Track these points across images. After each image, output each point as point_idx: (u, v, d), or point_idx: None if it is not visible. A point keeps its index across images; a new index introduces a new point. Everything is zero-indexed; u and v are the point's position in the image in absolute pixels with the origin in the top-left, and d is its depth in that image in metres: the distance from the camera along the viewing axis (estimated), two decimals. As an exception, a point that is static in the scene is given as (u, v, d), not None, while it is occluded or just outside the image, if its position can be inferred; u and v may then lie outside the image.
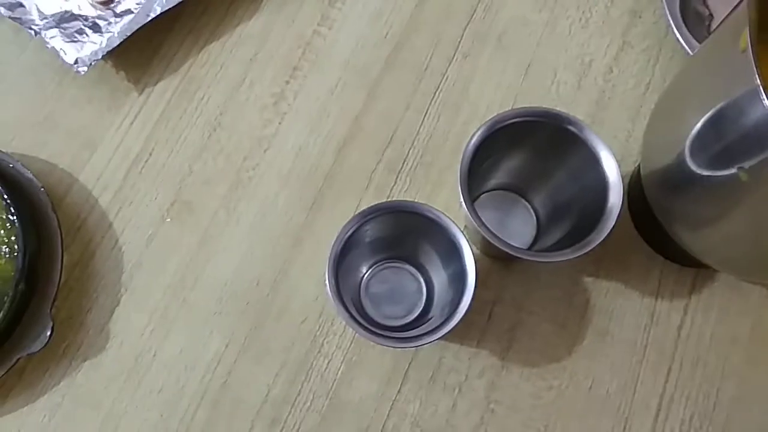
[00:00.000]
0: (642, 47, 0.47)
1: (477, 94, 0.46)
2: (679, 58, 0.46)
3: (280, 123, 0.45)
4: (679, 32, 0.44)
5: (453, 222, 0.34)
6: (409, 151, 0.45)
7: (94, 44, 0.43)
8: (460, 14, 0.48)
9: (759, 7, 0.26)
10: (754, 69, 0.25)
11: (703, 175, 0.31)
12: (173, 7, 0.44)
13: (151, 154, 0.44)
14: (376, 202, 0.35)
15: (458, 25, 0.48)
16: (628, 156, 0.44)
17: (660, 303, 0.42)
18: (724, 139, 0.29)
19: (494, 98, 0.46)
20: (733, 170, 0.29)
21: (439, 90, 0.46)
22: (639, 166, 0.40)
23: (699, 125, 0.30)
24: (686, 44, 0.44)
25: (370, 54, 0.47)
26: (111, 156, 0.44)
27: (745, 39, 0.26)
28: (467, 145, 0.34)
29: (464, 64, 0.47)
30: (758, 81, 0.25)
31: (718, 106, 0.29)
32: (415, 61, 0.47)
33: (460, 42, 0.47)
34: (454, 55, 0.47)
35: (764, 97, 0.25)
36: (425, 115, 0.46)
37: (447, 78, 0.47)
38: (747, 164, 0.28)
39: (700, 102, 0.31)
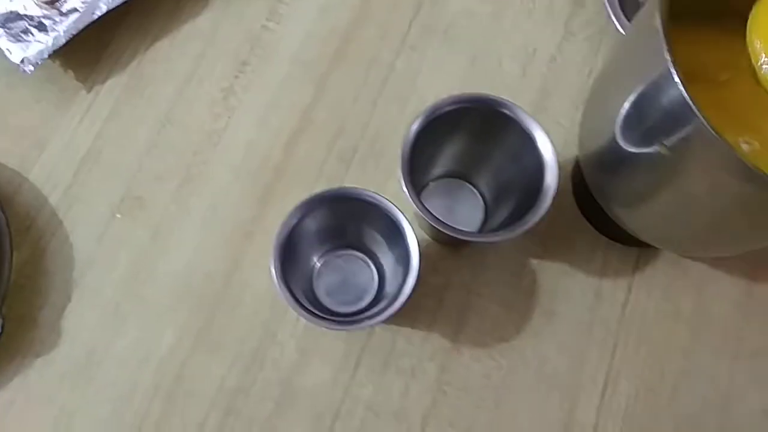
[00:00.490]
0: (584, 35, 0.49)
1: (425, 85, 0.47)
2: (618, 45, 0.47)
3: (229, 117, 0.45)
4: (617, 20, 0.45)
5: (395, 206, 0.35)
6: (358, 142, 0.46)
7: (41, 43, 0.43)
8: (407, 7, 0.49)
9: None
10: (665, 49, 0.26)
11: (632, 154, 0.33)
12: (120, 5, 0.44)
13: (100, 152, 0.44)
14: (322, 190, 0.36)
15: (405, 18, 0.49)
16: (572, 141, 0.45)
17: (604, 282, 0.43)
18: (646, 118, 0.30)
19: (441, 89, 0.47)
20: (656, 147, 0.30)
21: (387, 81, 0.47)
22: (579, 149, 0.41)
23: (625, 106, 0.32)
24: (624, 31, 0.45)
25: (319, 47, 0.48)
26: (60, 154, 0.44)
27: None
28: (406, 135, 0.35)
29: (412, 56, 0.48)
30: (669, 60, 0.26)
31: (639, 87, 0.30)
32: (363, 53, 0.48)
33: (407, 34, 0.48)
34: (401, 47, 0.48)
35: (675, 75, 0.26)
36: (374, 107, 0.46)
37: (395, 70, 0.47)
38: (667, 141, 0.29)
39: (625, 84, 0.32)
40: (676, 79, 0.26)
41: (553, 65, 0.48)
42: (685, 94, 0.25)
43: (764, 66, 0.29)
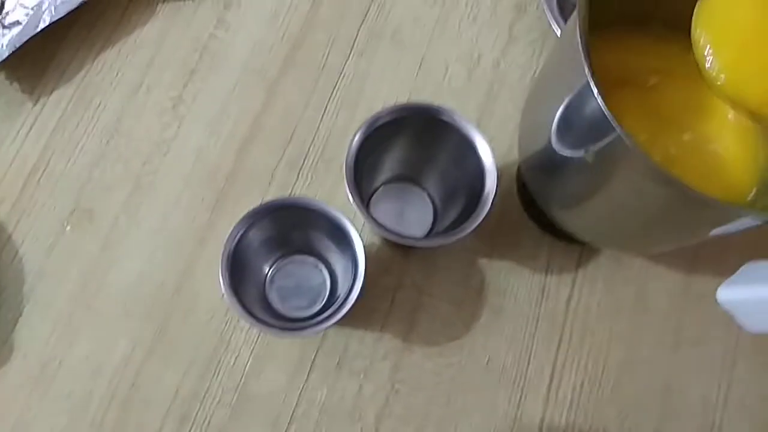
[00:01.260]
0: (527, 40, 0.50)
1: (373, 91, 0.48)
2: (559, 49, 0.49)
3: (179, 126, 0.46)
4: (557, 25, 0.47)
5: (340, 212, 0.36)
6: (309, 149, 0.46)
7: (-17, 56, 0.43)
8: (354, 13, 0.50)
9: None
10: (585, 62, 0.28)
11: (564, 159, 0.34)
12: (64, 16, 0.44)
13: (48, 164, 0.44)
14: (267, 200, 0.37)
15: (353, 24, 0.49)
16: (516, 145, 0.47)
17: (549, 278, 0.45)
18: (573, 126, 0.32)
19: (390, 94, 0.48)
20: (583, 154, 0.31)
21: (336, 88, 0.48)
22: (521, 152, 0.43)
23: (556, 113, 0.33)
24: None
25: (268, 54, 0.48)
26: (7, 168, 0.44)
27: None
28: (349, 147, 0.36)
29: (360, 62, 0.48)
30: (588, 73, 0.28)
31: (566, 96, 0.31)
32: (312, 60, 0.48)
33: (355, 40, 0.49)
34: (350, 54, 0.49)
35: (594, 88, 0.28)
36: (324, 113, 0.47)
37: (344, 76, 0.48)
38: (592, 148, 0.31)
39: (555, 91, 0.33)
40: (595, 92, 0.27)
41: (498, 70, 0.49)
42: (603, 107, 0.27)
43: (708, 58, 0.30)
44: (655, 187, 0.28)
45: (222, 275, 0.35)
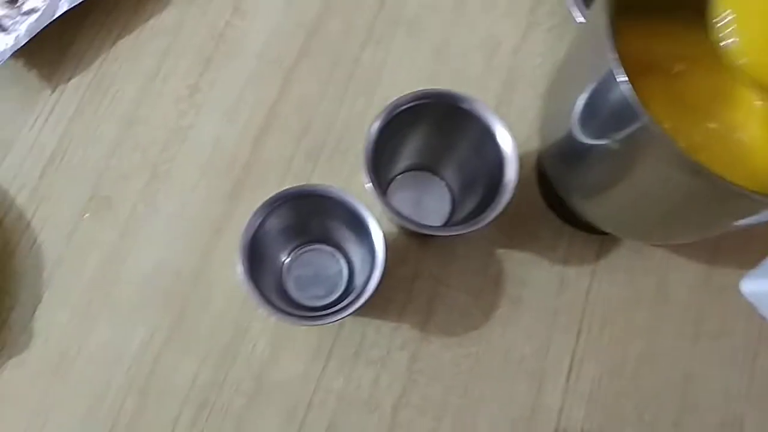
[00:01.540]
0: (547, 26, 0.49)
1: (390, 79, 0.47)
2: (580, 36, 0.48)
3: (196, 114, 0.46)
4: (577, 10, 0.46)
5: (359, 201, 0.36)
6: (326, 138, 0.46)
7: (2, 44, 0.43)
8: (371, 1, 0.49)
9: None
10: (610, 49, 0.27)
11: (587, 147, 0.33)
12: (81, 3, 0.44)
13: (66, 151, 0.44)
14: (285, 188, 0.36)
15: (370, 12, 0.49)
16: (536, 133, 0.46)
17: (569, 269, 0.44)
18: (597, 113, 0.31)
19: (407, 82, 0.47)
20: (607, 142, 0.31)
21: (353, 76, 0.47)
22: (542, 141, 0.42)
23: (579, 100, 0.32)
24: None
25: (284, 43, 0.48)
26: (26, 155, 0.44)
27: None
28: (368, 133, 0.36)
29: (377, 51, 0.48)
30: (614, 60, 0.27)
31: (590, 83, 0.31)
32: (328, 49, 0.48)
33: (372, 29, 0.48)
34: (366, 42, 0.48)
35: (620, 75, 0.27)
36: (341, 102, 0.47)
37: (361, 64, 0.48)
38: (617, 136, 0.30)
39: (579, 78, 0.33)
40: (621, 77, 0.27)
41: (517, 57, 0.48)
42: (630, 94, 0.26)
43: (729, 39, 0.29)
44: (681, 175, 0.28)
45: (241, 263, 0.35)
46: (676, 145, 0.26)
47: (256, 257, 0.36)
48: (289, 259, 0.42)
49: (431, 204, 0.45)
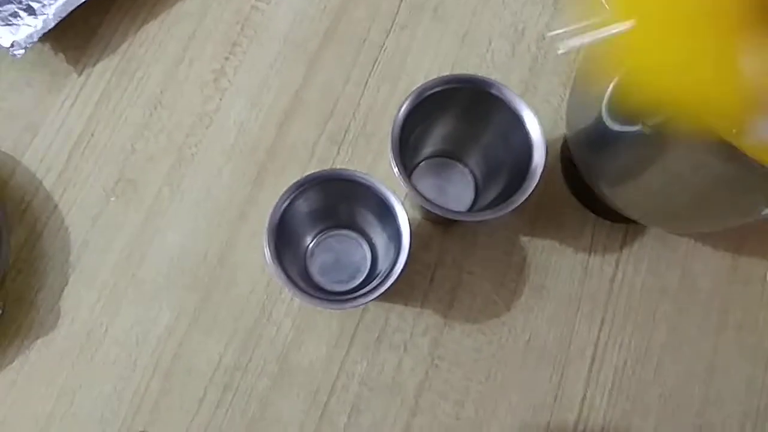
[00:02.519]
0: (574, 12, 0.49)
1: (415, 65, 0.47)
2: (607, 23, 0.48)
3: (221, 99, 0.46)
4: (605, -3, 0.45)
5: (385, 186, 0.36)
6: (350, 123, 0.46)
7: (30, 27, 0.43)
8: (396, -14, 0.49)
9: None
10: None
11: (617, 133, 0.33)
12: (108, -14, 0.44)
13: (93, 135, 0.45)
14: (311, 172, 0.36)
15: (395, -3, 0.49)
16: (561, 120, 0.46)
17: (593, 258, 0.44)
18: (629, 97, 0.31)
19: (431, 68, 0.47)
20: (639, 127, 0.31)
21: (377, 62, 0.47)
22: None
23: (610, 86, 0.32)
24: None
25: (309, 27, 0.48)
26: (53, 138, 0.45)
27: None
28: (396, 116, 0.35)
29: (402, 36, 0.48)
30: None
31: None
32: (353, 33, 0.48)
33: (397, 14, 0.48)
34: (391, 27, 0.48)
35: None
36: (365, 87, 0.47)
37: (385, 50, 0.48)
38: (650, 121, 0.30)
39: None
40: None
41: (543, 43, 0.48)
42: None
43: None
44: (716, 160, 0.28)
45: (267, 244, 0.35)
46: (714, 130, 0.26)
47: (282, 239, 0.36)
48: (313, 244, 0.42)
49: (454, 191, 0.44)
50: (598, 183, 0.38)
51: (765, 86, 0.23)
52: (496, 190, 0.41)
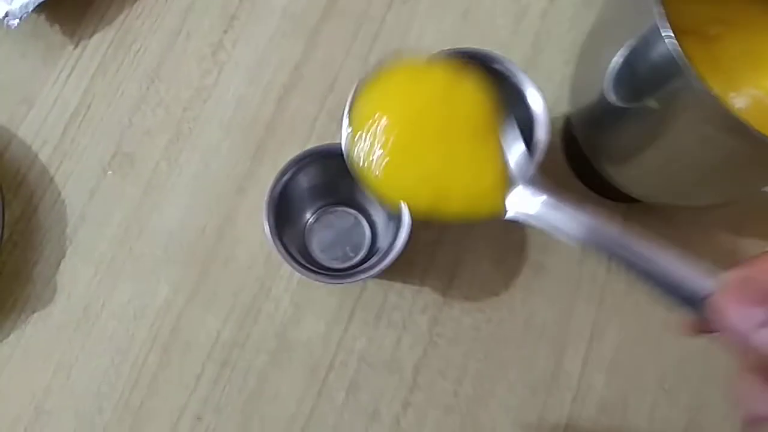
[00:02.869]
0: (577, -10, 0.48)
1: (416, 41, 0.47)
2: (611, 0, 0.47)
3: (219, 73, 0.45)
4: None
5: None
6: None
7: (24, -4, 0.43)
8: (398, -41, 0.48)
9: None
10: (655, 3, 0.26)
11: (622, 109, 0.33)
12: (104, -44, 0.43)
13: (89, 108, 0.44)
14: (312, 147, 0.36)
15: (396, -29, 0.48)
16: (562, 97, 0.45)
17: (593, 237, 0.44)
18: (636, 72, 0.30)
19: (433, 44, 0.47)
20: (645, 102, 0.30)
21: (378, 36, 0.47)
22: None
23: (616, 61, 0.32)
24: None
25: (308, 1, 0.47)
26: (49, 110, 0.44)
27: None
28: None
29: (402, 10, 0.47)
30: (659, 14, 0.26)
31: (630, 42, 0.30)
32: (353, 7, 0.47)
33: (398, -13, 0.48)
34: (392, 1, 0.47)
35: (665, 29, 0.26)
36: (365, 62, 0.46)
37: (386, 24, 0.47)
38: (657, 95, 0.29)
39: (616, 38, 0.32)
40: (666, 32, 0.26)
41: (545, 20, 0.47)
42: (675, 48, 0.26)
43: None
44: (722, 134, 0.27)
45: (266, 218, 0.35)
46: (720, 102, 0.25)
47: (282, 215, 0.36)
48: (312, 219, 0.42)
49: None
50: (600, 160, 0.38)
51: (499, 168, 0.31)
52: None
